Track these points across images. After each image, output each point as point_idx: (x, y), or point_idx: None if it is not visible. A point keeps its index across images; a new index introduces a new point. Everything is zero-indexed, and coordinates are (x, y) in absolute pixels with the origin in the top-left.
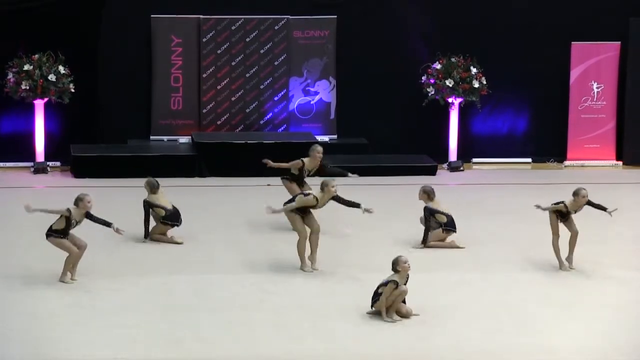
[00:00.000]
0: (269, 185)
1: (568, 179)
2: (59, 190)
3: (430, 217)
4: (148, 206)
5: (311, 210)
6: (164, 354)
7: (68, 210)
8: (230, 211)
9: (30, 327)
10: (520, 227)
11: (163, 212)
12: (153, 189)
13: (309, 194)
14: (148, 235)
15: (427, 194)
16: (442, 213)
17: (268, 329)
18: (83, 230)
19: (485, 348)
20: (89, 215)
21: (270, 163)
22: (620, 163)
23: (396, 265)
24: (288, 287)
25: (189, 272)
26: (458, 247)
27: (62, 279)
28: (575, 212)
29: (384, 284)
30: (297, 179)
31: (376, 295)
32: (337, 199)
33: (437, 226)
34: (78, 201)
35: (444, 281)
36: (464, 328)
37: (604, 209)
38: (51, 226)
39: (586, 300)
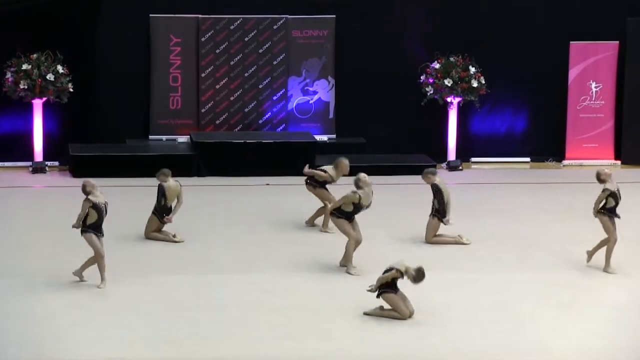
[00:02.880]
0: (267, 184)
1: (566, 178)
2: (58, 190)
3: (435, 195)
4: (161, 192)
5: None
6: (163, 354)
7: (88, 200)
8: (228, 211)
9: (29, 327)
10: (519, 226)
11: (162, 203)
12: (166, 176)
13: (354, 192)
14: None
15: (431, 173)
16: (442, 198)
17: (266, 328)
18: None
19: (483, 347)
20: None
21: (307, 170)
22: (619, 162)
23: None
24: (286, 287)
25: (188, 272)
26: (463, 244)
27: (77, 274)
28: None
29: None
30: (321, 184)
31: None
32: None
33: (433, 211)
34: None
35: (442, 280)
36: (462, 328)
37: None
38: (85, 221)
39: (584, 300)
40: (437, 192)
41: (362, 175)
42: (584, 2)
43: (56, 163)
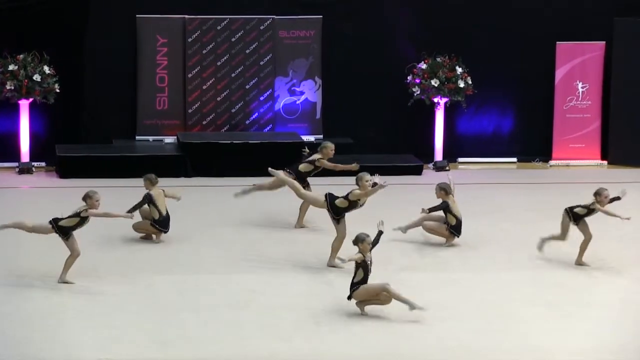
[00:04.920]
0: (254, 185)
1: (553, 178)
2: (44, 190)
3: (446, 213)
4: (148, 200)
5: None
6: (150, 355)
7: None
8: (216, 211)
9: (15, 328)
10: (507, 226)
11: (157, 215)
12: (152, 182)
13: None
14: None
15: (444, 190)
16: (454, 215)
17: (254, 329)
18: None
19: (472, 347)
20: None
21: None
22: (605, 162)
23: (357, 242)
24: (274, 287)
25: (175, 273)
26: (446, 243)
27: (63, 280)
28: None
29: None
30: (301, 178)
31: (353, 285)
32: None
33: (444, 223)
34: (87, 198)
35: (430, 280)
36: (451, 327)
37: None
38: (66, 227)
39: (572, 300)
40: (447, 210)
41: (364, 174)
42: (570, 2)
43: (43, 164)
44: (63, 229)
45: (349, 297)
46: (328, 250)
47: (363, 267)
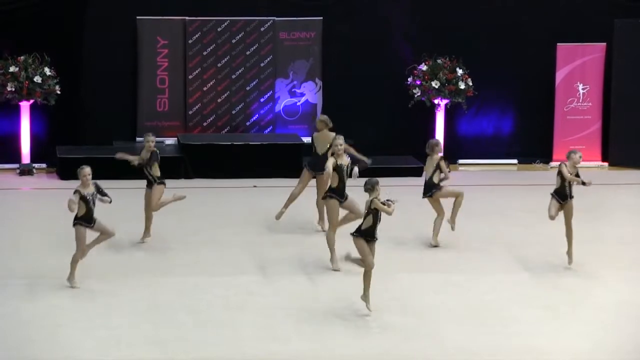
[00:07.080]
0: (255, 186)
1: (554, 180)
2: (45, 192)
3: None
4: (156, 158)
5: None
6: (148, 355)
7: (77, 192)
8: (215, 213)
9: (14, 329)
10: (506, 228)
11: (159, 172)
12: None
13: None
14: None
15: (431, 147)
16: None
17: (252, 329)
18: (70, 232)
19: (470, 349)
20: (97, 187)
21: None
22: (606, 164)
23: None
24: (273, 288)
25: (174, 274)
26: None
27: (70, 282)
28: (571, 175)
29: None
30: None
31: (359, 231)
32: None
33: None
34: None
35: (429, 282)
36: (449, 329)
37: (583, 183)
38: (76, 214)
39: (570, 301)
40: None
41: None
42: (571, 3)
43: (43, 165)
44: (83, 219)
45: (352, 233)
46: (326, 252)
47: (374, 214)
